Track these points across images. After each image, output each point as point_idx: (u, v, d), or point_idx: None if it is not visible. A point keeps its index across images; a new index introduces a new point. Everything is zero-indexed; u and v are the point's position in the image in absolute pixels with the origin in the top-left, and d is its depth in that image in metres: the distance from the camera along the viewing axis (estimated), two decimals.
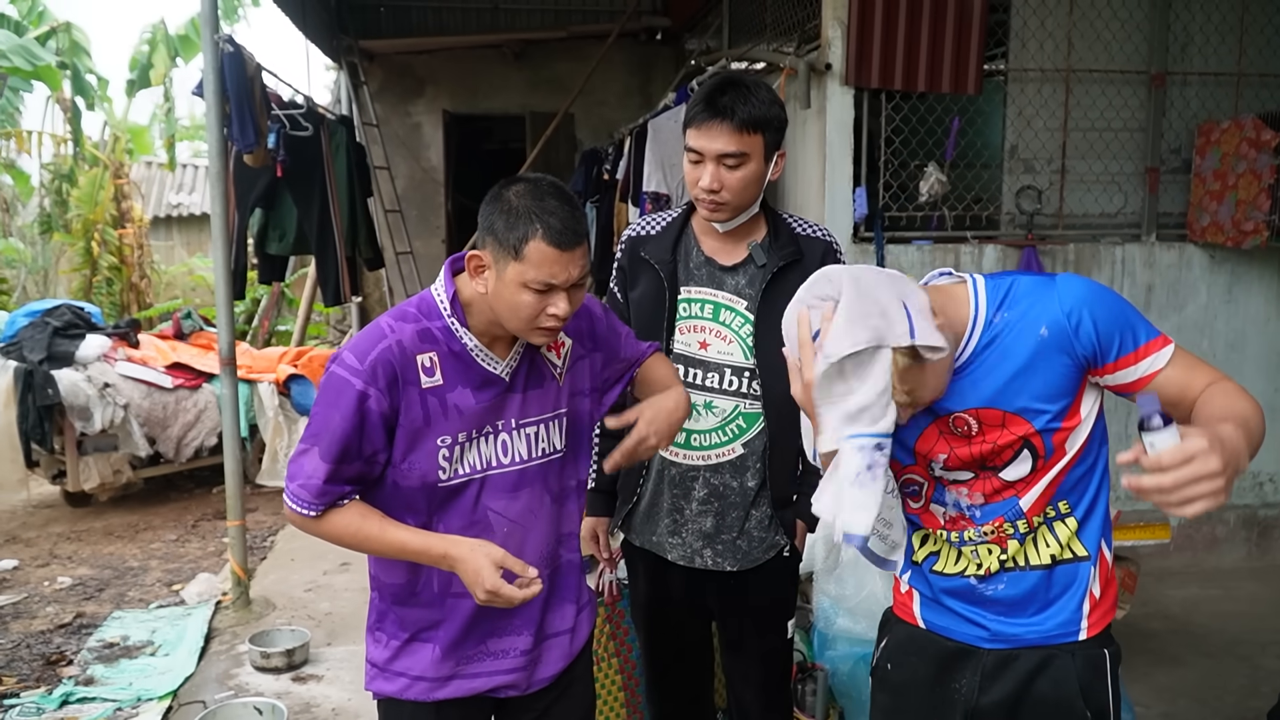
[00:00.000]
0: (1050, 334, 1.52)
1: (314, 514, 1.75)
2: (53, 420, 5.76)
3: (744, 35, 6.26)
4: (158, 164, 14.52)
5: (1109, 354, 1.53)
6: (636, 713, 3.01)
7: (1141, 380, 1.53)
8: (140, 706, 3.69)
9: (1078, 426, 1.59)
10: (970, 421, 1.60)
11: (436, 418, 1.75)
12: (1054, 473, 1.61)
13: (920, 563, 1.76)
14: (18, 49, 9.79)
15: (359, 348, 1.73)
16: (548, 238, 1.66)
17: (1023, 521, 1.63)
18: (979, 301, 1.58)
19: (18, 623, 4.57)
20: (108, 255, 11.70)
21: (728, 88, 2.11)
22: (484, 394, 1.79)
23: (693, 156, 2.16)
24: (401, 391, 1.72)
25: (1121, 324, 1.52)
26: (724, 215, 2.19)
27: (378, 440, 1.73)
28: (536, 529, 1.88)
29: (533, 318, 1.70)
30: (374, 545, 1.77)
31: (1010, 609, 1.67)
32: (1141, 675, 3.68)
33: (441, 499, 1.79)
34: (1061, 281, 1.55)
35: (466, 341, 1.78)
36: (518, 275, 1.67)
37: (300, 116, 5.55)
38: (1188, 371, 1.53)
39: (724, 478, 2.29)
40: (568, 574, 1.98)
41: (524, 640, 1.90)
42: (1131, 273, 4.69)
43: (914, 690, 1.77)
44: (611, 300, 2.43)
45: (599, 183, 6.76)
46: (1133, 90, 4.70)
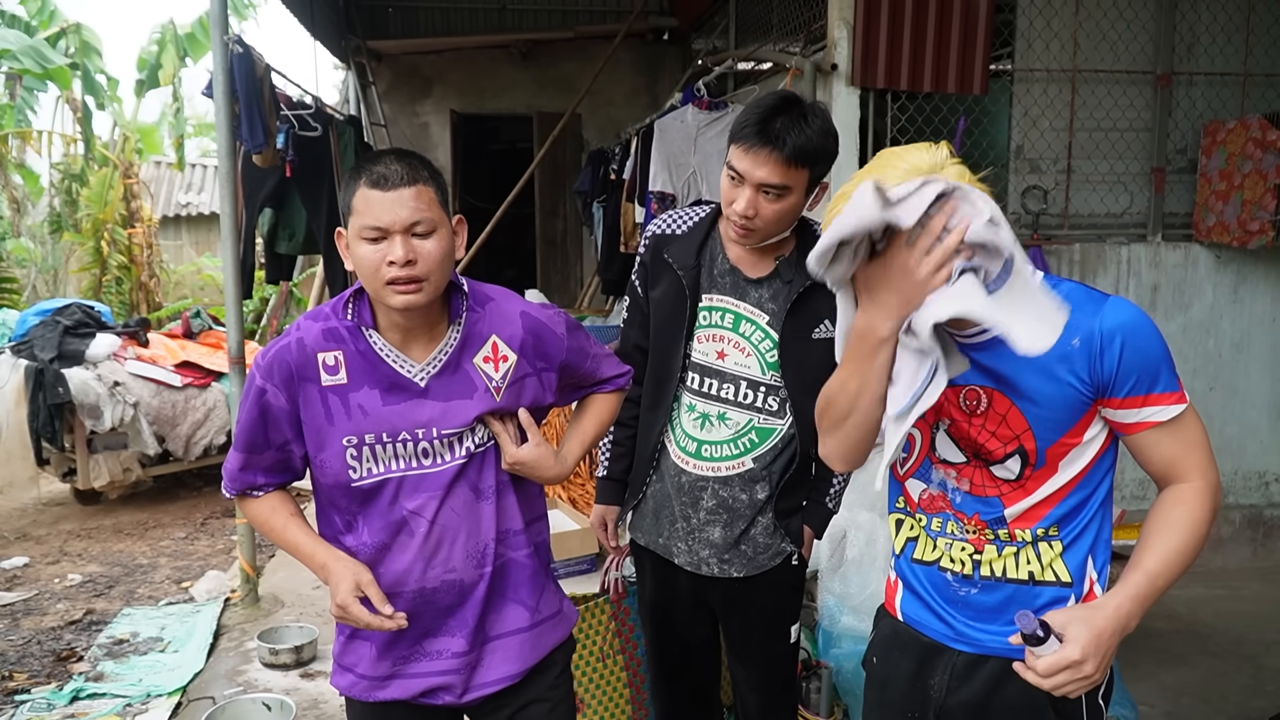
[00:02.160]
0: (1080, 346, 1.50)
1: (229, 495, 1.86)
2: (63, 418, 5.80)
3: (750, 35, 6.28)
4: (166, 163, 14.56)
5: (1120, 389, 1.50)
6: (641, 709, 3.03)
7: (1136, 426, 1.52)
8: (150, 702, 3.72)
9: (1077, 447, 1.57)
10: (981, 397, 1.57)
11: (339, 416, 1.75)
12: (1046, 491, 1.58)
13: (901, 551, 1.76)
14: (29, 50, 9.86)
15: (269, 345, 1.79)
16: (368, 180, 1.67)
17: (1004, 531, 1.61)
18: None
19: (29, 619, 4.60)
20: (117, 254, 11.74)
21: (783, 110, 2.00)
22: (394, 396, 1.76)
23: (732, 175, 2.06)
24: (299, 388, 1.74)
25: (1146, 365, 1.49)
26: (753, 240, 2.13)
27: (285, 432, 1.77)
28: (463, 529, 1.82)
29: (375, 270, 1.67)
30: (276, 539, 1.85)
31: (980, 615, 1.66)
32: (1146, 674, 3.69)
33: (360, 498, 1.79)
34: (1112, 302, 1.52)
35: (373, 341, 1.76)
36: (354, 230, 1.69)
37: (309, 117, 5.57)
38: (1185, 447, 1.53)
39: (733, 490, 2.26)
40: (514, 573, 1.89)
41: (457, 642, 1.85)
42: (1137, 273, 4.70)
43: (896, 684, 1.78)
44: (631, 294, 2.39)
45: (606, 183, 6.77)
46: (1139, 90, 4.71)
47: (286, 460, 1.81)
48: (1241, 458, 4.87)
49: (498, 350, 1.85)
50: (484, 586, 1.85)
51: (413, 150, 1.77)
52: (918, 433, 1.68)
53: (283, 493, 1.87)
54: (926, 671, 1.73)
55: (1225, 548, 4.91)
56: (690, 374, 2.26)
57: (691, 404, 2.27)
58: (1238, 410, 4.83)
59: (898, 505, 1.77)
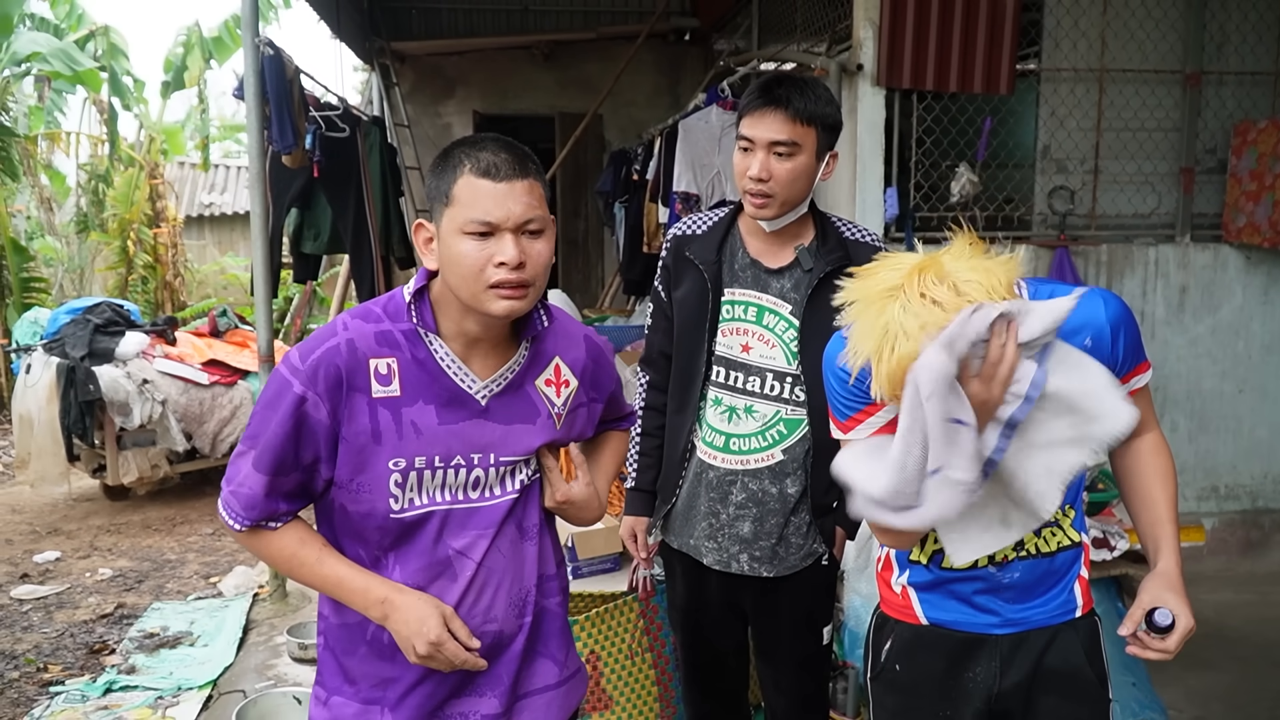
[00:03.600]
0: (1094, 344, 1.60)
1: (241, 527, 1.54)
2: (93, 415, 5.87)
3: (774, 36, 6.29)
4: (190, 164, 14.70)
5: (1120, 370, 1.63)
6: (669, 707, 3.04)
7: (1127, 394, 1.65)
8: (181, 695, 3.76)
9: None
10: None
11: (388, 435, 1.51)
12: None
13: (927, 561, 1.76)
14: (58, 53, 9.97)
15: (306, 345, 1.52)
16: (475, 170, 1.47)
17: None
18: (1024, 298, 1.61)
19: (61, 612, 4.66)
20: (143, 254, 11.86)
21: (784, 80, 2.11)
22: (451, 414, 1.55)
23: (743, 144, 2.13)
24: (345, 398, 1.49)
25: (1135, 344, 1.67)
26: (770, 211, 2.14)
27: (320, 449, 1.51)
28: (509, 573, 1.63)
29: (479, 271, 1.47)
30: (306, 576, 1.55)
31: (1022, 594, 1.72)
32: (1174, 679, 3.67)
33: (395, 534, 1.55)
34: (1100, 295, 1.65)
35: (435, 348, 1.55)
36: (452, 222, 1.47)
37: (337, 118, 5.62)
38: (1147, 405, 1.73)
39: (762, 483, 2.26)
40: (548, 624, 1.72)
41: (489, 702, 1.64)
42: (1165, 274, 4.67)
43: (925, 686, 1.78)
44: (655, 299, 2.40)
45: (628, 183, 6.79)
46: (1167, 90, 4.68)
47: (309, 484, 1.55)
48: (1272, 460, 4.84)
49: (560, 374, 1.68)
50: (522, 639, 1.66)
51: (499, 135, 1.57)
52: None
53: (302, 521, 1.60)
54: (962, 667, 1.74)
55: (1254, 553, 4.88)
56: (715, 368, 2.26)
57: (718, 398, 2.27)
58: (1268, 413, 4.79)
59: None
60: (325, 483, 1.55)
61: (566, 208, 9.55)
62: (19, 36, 9.99)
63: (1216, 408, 4.70)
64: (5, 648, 4.26)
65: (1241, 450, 4.79)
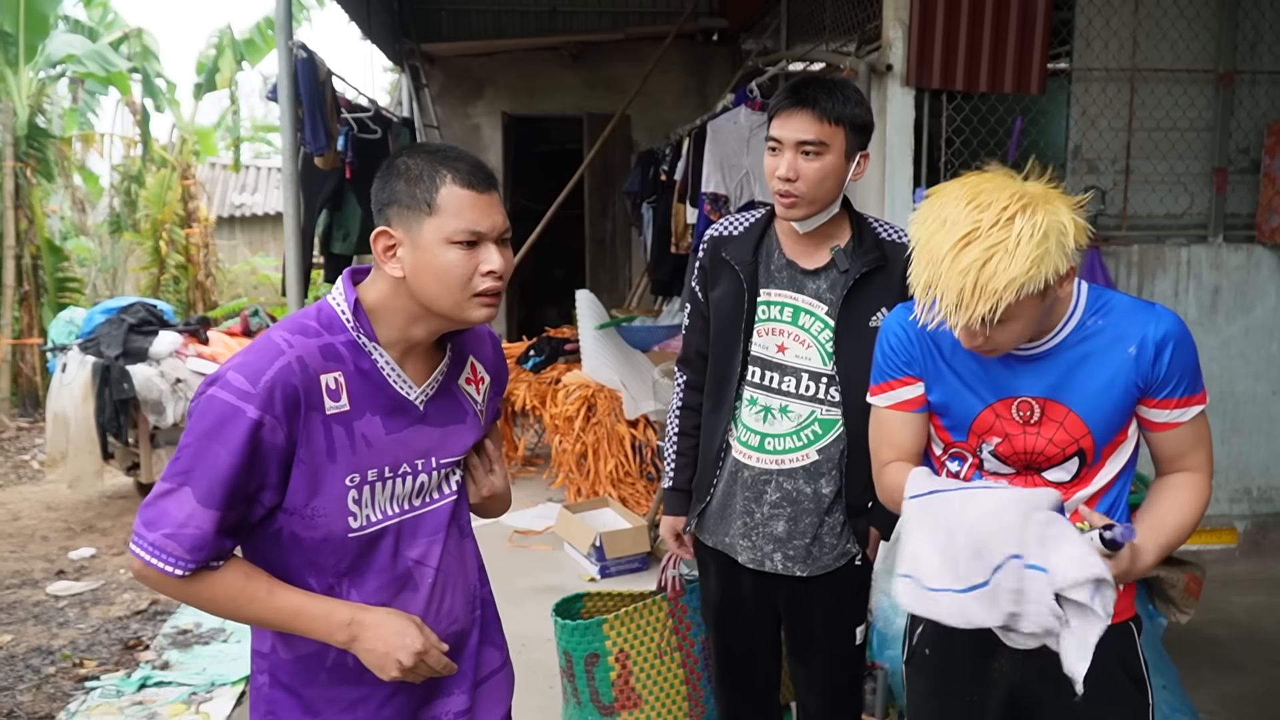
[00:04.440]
0: (1137, 353, 1.61)
1: (183, 573, 1.41)
2: (128, 414, 5.95)
3: (802, 36, 6.28)
4: (222, 165, 14.87)
5: (1163, 390, 1.63)
6: (698, 706, 3.05)
7: (1166, 425, 1.67)
8: (214, 691, 3.81)
9: (1123, 444, 1.70)
10: (1034, 408, 1.66)
11: (343, 451, 1.47)
12: (1097, 485, 1.70)
13: None
14: (93, 54, 10.12)
15: (249, 366, 1.42)
16: (460, 180, 1.46)
17: None
18: (1080, 300, 1.65)
19: (97, 608, 4.74)
20: (175, 254, 12.02)
21: (813, 82, 2.12)
22: (394, 422, 1.54)
23: (772, 144, 2.15)
24: (303, 419, 1.43)
25: (1187, 369, 1.64)
26: (799, 211, 2.15)
27: (270, 476, 1.44)
28: (459, 572, 1.66)
29: (465, 281, 1.47)
30: (257, 612, 1.46)
31: None
32: (1206, 681, 3.65)
33: (354, 554, 1.52)
34: (1160, 310, 1.64)
35: (376, 358, 1.52)
36: (437, 231, 1.45)
37: (368, 119, 5.67)
38: (1195, 442, 1.69)
39: (797, 483, 2.27)
40: (489, 612, 1.77)
41: (457, 700, 1.66)
42: (1198, 274, 4.64)
43: (954, 671, 1.82)
44: (692, 300, 2.41)
45: (656, 183, 6.82)
46: (1199, 89, 4.65)
47: (248, 516, 1.46)
48: None
49: (476, 371, 1.70)
50: (476, 632, 1.71)
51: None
52: (966, 453, 1.77)
53: (239, 556, 1.50)
54: (987, 656, 1.77)
55: None
56: (751, 368, 2.27)
57: (753, 398, 2.28)
58: None
59: None
60: (267, 511, 1.47)
61: (594, 208, 9.59)
62: (54, 39, 10.17)
63: (1249, 410, 4.65)
64: (42, 643, 4.33)
65: (1275, 452, 4.74)
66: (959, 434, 1.75)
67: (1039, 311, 1.55)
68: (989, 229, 1.46)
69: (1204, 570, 3.66)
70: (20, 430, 8.82)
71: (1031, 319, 1.55)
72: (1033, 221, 1.46)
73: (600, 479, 5.55)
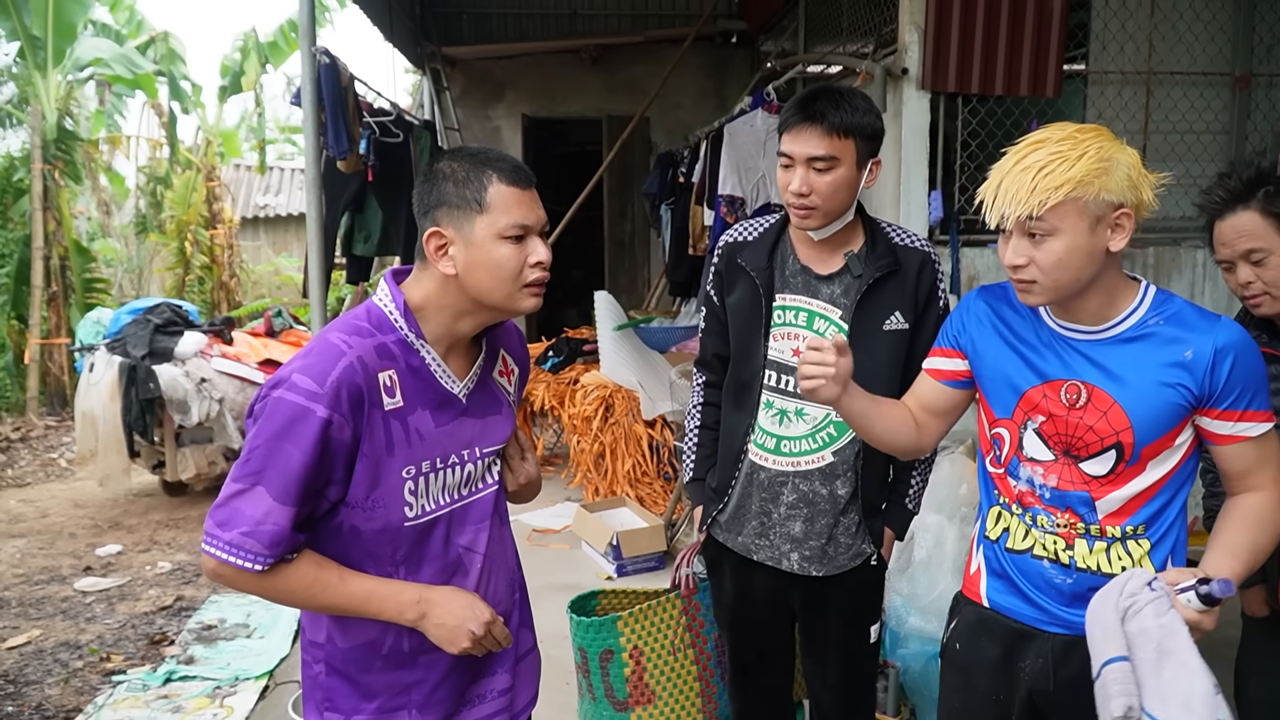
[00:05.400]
0: (1193, 358, 1.62)
1: (262, 567, 1.48)
2: (153, 413, 6.06)
3: (820, 38, 6.31)
4: (246, 166, 15.03)
5: (1223, 401, 1.63)
6: (711, 702, 3.10)
7: (1229, 438, 1.66)
8: (238, 686, 3.89)
9: (1169, 450, 1.68)
10: (1082, 391, 1.69)
11: (399, 445, 1.56)
12: (1134, 489, 1.69)
13: (996, 540, 1.84)
14: (120, 58, 10.25)
15: (314, 368, 1.49)
16: (505, 178, 1.55)
17: (1095, 526, 1.71)
18: (1145, 298, 1.69)
19: (123, 604, 4.83)
20: (199, 255, 12.16)
21: (820, 95, 2.14)
22: (442, 416, 1.62)
23: (784, 160, 2.17)
24: (366, 415, 1.51)
25: (1250, 383, 1.63)
26: (814, 221, 2.19)
27: (337, 471, 1.51)
28: (501, 557, 1.76)
29: (517, 273, 1.56)
30: (331, 598, 1.54)
31: (1073, 600, 1.74)
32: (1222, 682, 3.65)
33: (409, 543, 1.60)
34: (1225, 321, 1.65)
35: (426, 357, 1.60)
36: (489, 228, 1.54)
37: (390, 123, 5.74)
38: (1262, 460, 1.67)
39: (813, 484, 2.30)
40: (523, 595, 1.86)
41: (501, 679, 1.76)
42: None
43: (981, 668, 1.85)
44: (708, 304, 2.45)
45: (674, 185, 6.85)
46: (1215, 92, 4.65)
47: (314, 510, 1.53)
48: None
49: (507, 364, 1.80)
50: (516, 614, 1.81)
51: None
52: (1006, 432, 1.79)
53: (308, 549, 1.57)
54: (1015, 655, 1.80)
55: None
56: (767, 372, 2.31)
57: (769, 401, 2.31)
58: None
59: (995, 498, 1.85)
60: (330, 506, 1.54)
61: (613, 209, 9.64)
62: (82, 42, 10.30)
63: None
64: (69, 638, 4.43)
65: None
66: (1005, 410, 1.78)
67: (1086, 243, 1.59)
68: (1058, 140, 1.59)
69: None
70: (48, 429, 8.96)
71: (1078, 247, 1.59)
72: (1101, 145, 1.59)
73: (618, 479, 5.60)
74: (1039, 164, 1.57)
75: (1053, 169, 1.56)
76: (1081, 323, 1.70)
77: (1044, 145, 1.59)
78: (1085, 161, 1.56)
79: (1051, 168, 1.56)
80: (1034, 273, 1.63)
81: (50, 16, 9.46)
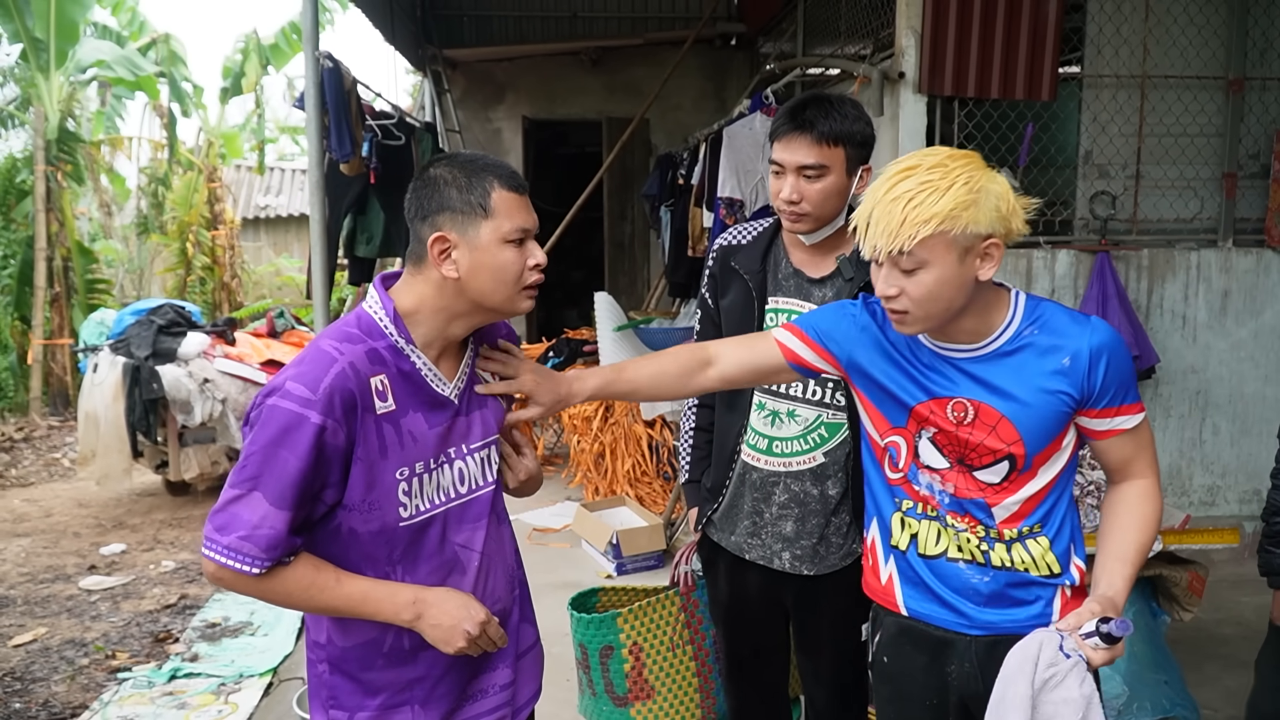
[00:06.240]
0: (1071, 364, 1.66)
1: (260, 570, 1.50)
2: (157, 413, 6.10)
3: (818, 41, 6.35)
4: (247, 167, 15.07)
5: (1101, 400, 1.68)
6: (709, 698, 3.14)
7: (1107, 433, 1.72)
8: (243, 682, 3.93)
9: (1056, 454, 1.73)
10: (968, 408, 1.71)
11: (393, 447, 1.59)
12: (1026, 493, 1.73)
13: (905, 549, 1.85)
14: (121, 60, 10.29)
15: (307, 375, 1.52)
16: (505, 184, 1.61)
17: (994, 530, 1.75)
18: (1017, 309, 1.71)
19: (128, 602, 4.87)
20: (201, 255, 12.20)
21: (810, 103, 2.17)
22: (435, 417, 1.65)
23: (775, 168, 2.21)
24: (359, 420, 1.54)
25: (1124, 378, 1.69)
26: (805, 226, 2.22)
27: (333, 476, 1.55)
28: (499, 555, 1.78)
29: (519, 276, 1.62)
30: (327, 600, 1.57)
31: (989, 600, 1.77)
32: (1211, 678, 3.70)
33: (405, 542, 1.63)
34: (1095, 322, 1.68)
35: (416, 360, 1.63)
36: (494, 232, 1.59)
37: (392, 126, 5.79)
38: (1138, 449, 1.75)
39: (804, 485, 2.32)
40: (524, 591, 1.88)
41: (502, 674, 1.78)
42: (1208, 278, 4.68)
43: (911, 676, 1.87)
44: (703, 306, 2.48)
45: (674, 187, 6.89)
46: (1210, 95, 4.70)
47: (310, 514, 1.56)
48: None
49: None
50: (516, 610, 1.83)
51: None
52: (903, 441, 1.80)
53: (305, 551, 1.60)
54: (941, 662, 1.82)
55: None
56: None
57: (761, 402, 2.35)
58: None
59: (896, 504, 1.87)
60: (328, 509, 1.57)
61: (613, 210, 9.68)
62: (83, 44, 10.34)
63: (1259, 411, 4.69)
64: (75, 636, 4.47)
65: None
66: (898, 421, 1.79)
67: (956, 274, 1.59)
68: (928, 169, 1.58)
69: (1207, 569, 3.71)
70: (51, 429, 9.01)
71: (948, 278, 1.59)
72: (970, 175, 1.57)
73: (617, 478, 5.65)
74: (908, 195, 1.56)
75: (921, 201, 1.55)
76: (958, 342, 1.72)
77: (914, 173, 1.58)
78: (953, 193, 1.55)
79: (919, 199, 1.55)
80: (906, 303, 1.63)
81: (52, 19, 9.50)
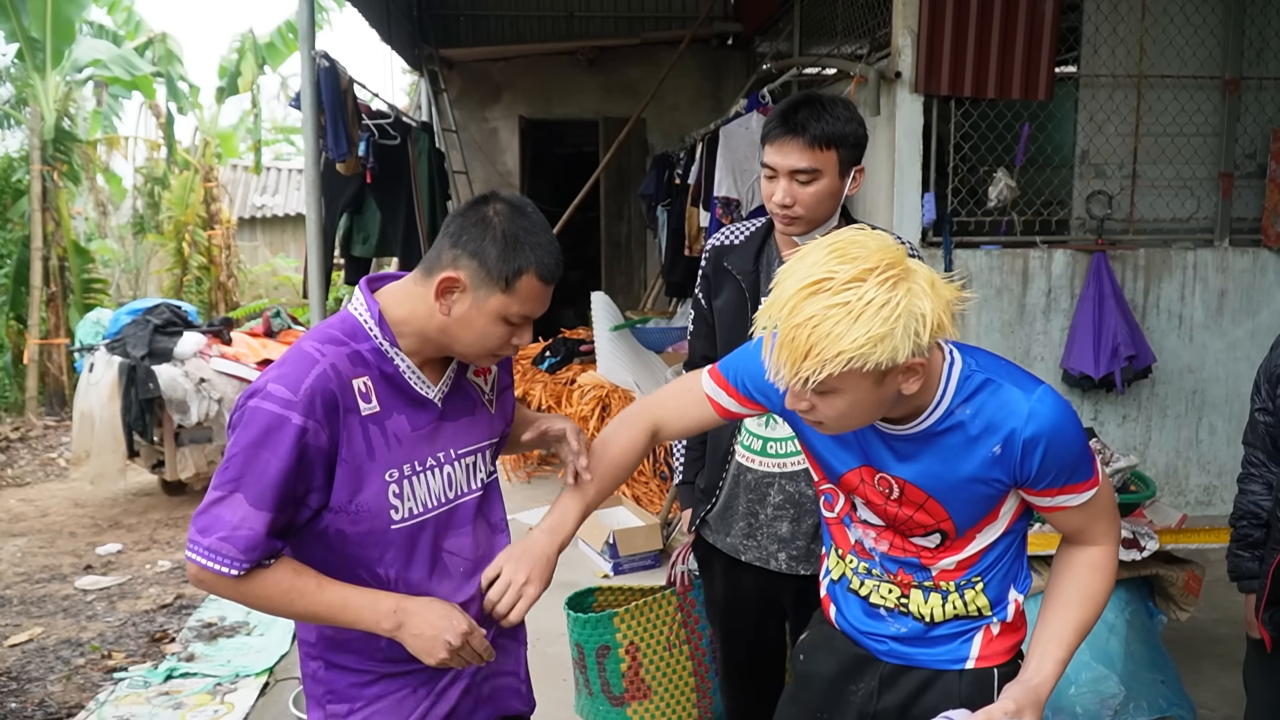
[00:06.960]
0: (1003, 453, 1.53)
1: (238, 572, 1.49)
2: (153, 413, 6.08)
3: (815, 40, 6.35)
4: (243, 167, 15.05)
5: (1040, 483, 1.56)
6: (706, 697, 3.14)
7: (1052, 509, 1.60)
8: (239, 682, 3.92)
9: (994, 522, 1.64)
10: (893, 486, 1.63)
11: (379, 449, 1.58)
12: (967, 554, 1.67)
13: (838, 580, 1.83)
14: (118, 59, 10.27)
15: (288, 377, 1.51)
16: (541, 272, 1.56)
17: (930, 582, 1.70)
18: (950, 382, 1.54)
19: (124, 602, 4.86)
20: (197, 255, 12.18)
21: (802, 105, 2.15)
22: (419, 420, 1.64)
23: (767, 172, 2.20)
24: (342, 421, 1.53)
25: (1065, 464, 1.54)
26: (799, 227, 2.22)
27: (317, 478, 1.53)
28: (490, 563, 1.73)
29: (497, 349, 1.61)
30: (307, 605, 1.55)
31: (907, 640, 1.74)
32: (1208, 679, 3.70)
33: (396, 546, 1.62)
34: (1037, 402, 1.51)
35: (399, 364, 1.61)
36: (501, 307, 1.56)
37: (388, 126, 5.78)
38: (1091, 520, 1.62)
39: (799, 485, 2.32)
40: None
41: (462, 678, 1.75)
42: (1204, 278, 4.69)
43: (814, 683, 1.85)
44: (696, 307, 2.49)
45: (670, 186, 6.90)
46: (1206, 95, 4.70)
47: (295, 518, 1.55)
48: None
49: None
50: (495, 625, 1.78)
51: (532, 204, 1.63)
52: (839, 490, 1.75)
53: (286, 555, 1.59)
54: (849, 678, 1.80)
55: None
56: None
57: None
58: None
59: (832, 544, 1.84)
60: (314, 512, 1.56)
61: (610, 210, 9.68)
62: (79, 44, 10.31)
63: None
64: (71, 635, 4.46)
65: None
66: (830, 477, 1.74)
67: (872, 396, 1.42)
68: (841, 285, 1.33)
69: (1204, 569, 3.71)
70: (47, 429, 8.98)
71: (863, 401, 1.42)
72: (888, 296, 1.33)
73: None
74: (813, 322, 1.33)
75: (828, 331, 1.32)
76: (886, 422, 1.58)
77: (823, 291, 1.34)
78: (864, 323, 1.31)
79: (826, 329, 1.32)
80: (820, 417, 1.47)
81: (49, 18, 9.47)
